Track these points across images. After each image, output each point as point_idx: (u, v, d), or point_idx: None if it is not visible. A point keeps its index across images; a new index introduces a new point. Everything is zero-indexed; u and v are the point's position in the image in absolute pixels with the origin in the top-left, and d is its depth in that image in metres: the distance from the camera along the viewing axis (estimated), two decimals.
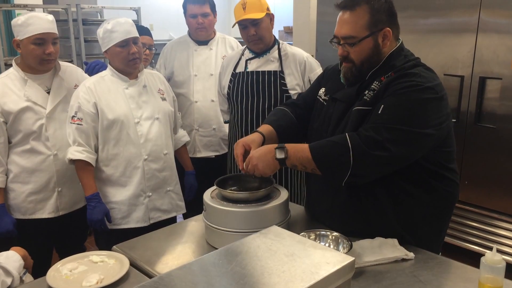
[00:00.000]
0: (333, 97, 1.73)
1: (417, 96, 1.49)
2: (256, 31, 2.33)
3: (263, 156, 1.60)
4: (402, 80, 1.53)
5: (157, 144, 2.25)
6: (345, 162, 1.49)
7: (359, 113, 1.58)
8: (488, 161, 3.01)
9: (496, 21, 2.87)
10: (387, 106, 1.50)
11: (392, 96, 1.51)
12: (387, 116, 1.50)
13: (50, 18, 2.14)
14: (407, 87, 1.50)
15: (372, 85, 1.59)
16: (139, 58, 2.20)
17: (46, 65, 2.17)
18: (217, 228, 1.61)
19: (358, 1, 1.57)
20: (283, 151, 1.58)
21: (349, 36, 1.58)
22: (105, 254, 1.59)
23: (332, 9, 1.66)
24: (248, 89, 2.44)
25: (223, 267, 1.05)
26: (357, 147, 1.48)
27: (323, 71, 1.96)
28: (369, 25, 1.56)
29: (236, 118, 2.53)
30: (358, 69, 1.62)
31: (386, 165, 1.53)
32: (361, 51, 1.59)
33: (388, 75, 1.58)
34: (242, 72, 2.47)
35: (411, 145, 1.50)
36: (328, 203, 1.73)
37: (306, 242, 1.15)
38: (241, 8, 2.32)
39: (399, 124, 1.48)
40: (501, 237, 3.02)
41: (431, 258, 1.55)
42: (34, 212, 2.23)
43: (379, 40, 1.58)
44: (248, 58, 2.48)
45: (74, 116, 2.14)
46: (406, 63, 1.59)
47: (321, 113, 1.78)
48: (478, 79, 2.98)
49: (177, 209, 2.38)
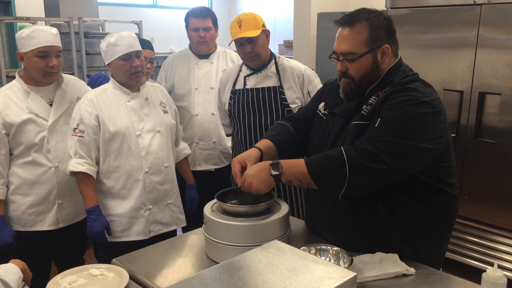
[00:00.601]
0: (332, 112, 1.75)
1: (414, 110, 1.50)
2: (252, 48, 2.34)
3: (257, 173, 1.60)
4: (399, 94, 1.54)
5: (158, 157, 2.25)
6: (341, 175, 1.49)
7: (357, 128, 1.59)
8: (488, 176, 3.01)
9: (495, 36, 2.89)
10: (384, 119, 1.51)
11: (389, 110, 1.52)
12: (383, 129, 1.50)
13: (54, 31, 2.16)
14: (404, 101, 1.51)
15: (370, 99, 1.60)
16: (141, 71, 2.21)
17: (49, 77, 2.18)
18: (217, 242, 1.61)
19: (358, 17, 1.59)
20: (277, 167, 1.58)
21: (348, 52, 1.59)
22: (104, 267, 1.59)
23: (332, 23, 1.67)
24: (249, 106, 2.45)
25: (224, 281, 1.05)
26: (352, 160, 1.48)
27: (323, 85, 1.97)
28: (368, 41, 1.58)
29: (239, 135, 2.53)
30: (357, 84, 1.63)
31: (383, 178, 1.53)
32: (360, 67, 1.60)
33: (385, 90, 1.59)
34: (242, 89, 2.48)
35: (407, 158, 1.50)
36: (327, 217, 1.73)
37: (308, 257, 1.15)
38: (236, 26, 2.33)
39: (395, 137, 1.48)
40: (502, 252, 3.01)
41: (432, 273, 1.55)
42: (34, 224, 2.23)
43: (378, 57, 1.60)
44: (246, 74, 2.48)
45: (76, 128, 2.14)
46: (403, 78, 1.60)
47: (320, 127, 1.79)
48: (478, 94, 3.00)
49: (177, 222, 2.38)
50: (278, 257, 1.13)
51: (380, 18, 1.59)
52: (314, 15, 4.12)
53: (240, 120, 2.50)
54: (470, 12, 2.98)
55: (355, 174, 1.49)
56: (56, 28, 2.22)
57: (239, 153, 2.54)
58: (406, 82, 1.58)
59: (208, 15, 2.93)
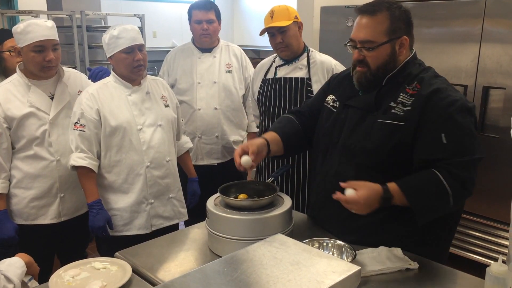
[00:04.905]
0: (346, 104, 1.73)
1: (469, 120, 1.53)
2: (282, 38, 2.39)
3: (369, 201, 1.51)
4: (441, 96, 1.53)
5: (160, 151, 2.25)
6: (445, 206, 1.52)
7: (388, 127, 1.57)
8: (492, 171, 2.99)
9: (499, 30, 2.87)
10: (452, 135, 1.50)
11: (448, 120, 1.51)
12: (459, 148, 1.51)
13: (49, 24, 2.13)
14: (458, 110, 1.51)
15: (398, 97, 1.58)
16: (143, 65, 2.20)
17: (47, 71, 2.17)
18: (220, 236, 1.60)
19: (380, 7, 1.59)
20: (388, 195, 1.51)
21: (368, 40, 1.59)
22: (107, 261, 1.59)
23: (335, 17, 1.67)
24: (276, 95, 2.49)
25: (228, 275, 1.04)
26: (456, 192, 1.50)
27: (329, 80, 1.97)
28: (388, 31, 1.58)
29: (263, 123, 2.59)
30: (373, 73, 1.62)
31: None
32: (378, 57, 1.59)
33: (413, 86, 1.58)
34: (272, 78, 2.53)
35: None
36: (332, 210, 1.72)
37: (312, 250, 1.15)
38: (269, 16, 2.40)
39: (471, 153, 1.51)
40: (506, 247, 2.99)
41: (435, 268, 1.54)
42: (36, 217, 2.22)
43: (396, 48, 1.60)
44: (278, 64, 2.54)
45: (77, 122, 2.14)
46: (422, 71, 1.62)
47: (329, 119, 1.78)
48: (482, 88, 2.98)
49: (179, 216, 2.37)
50: (281, 251, 1.13)
51: (401, 10, 1.60)
52: (317, 8, 4.09)
53: (266, 108, 2.54)
54: (474, 6, 2.96)
55: (457, 202, 1.53)
56: (57, 21, 2.20)
57: None
58: (430, 77, 1.59)
59: (212, 7, 2.92)
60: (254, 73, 2.73)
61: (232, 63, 3.02)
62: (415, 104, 1.56)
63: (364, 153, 1.63)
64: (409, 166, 1.58)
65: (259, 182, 2.00)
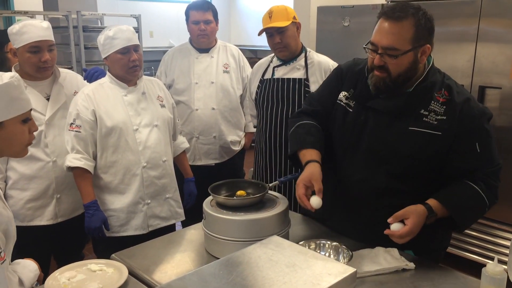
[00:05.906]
0: (366, 105, 1.66)
1: (492, 131, 1.61)
2: (281, 38, 2.39)
3: (419, 226, 1.51)
4: (472, 106, 1.57)
5: (156, 151, 2.24)
6: (481, 215, 1.67)
7: (422, 136, 1.56)
8: None
9: (495, 30, 2.88)
10: (484, 144, 1.58)
11: (481, 130, 1.57)
12: (490, 157, 1.60)
13: (45, 25, 2.12)
14: (486, 120, 1.59)
15: (430, 105, 1.57)
16: (139, 65, 2.19)
17: (43, 72, 2.16)
18: (216, 237, 1.60)
19: (406, 13, 1.52)
20: (432, 213, 1.53)
21: (392, 47, 1.52)
22: (103, 263, 1.58)
23: (332, 17, 1.65)
24: (274, 95, 2.49)
25: (223, 278, 1.04)
26: (492, 203, 1.59)
27: (338, 71, 1.84)
28: (413, 39, 1.52)
29: (261, 123, 2.59)
30: (392, 80, 1.57)
31: None
32: (400, 64, 1.54)
33: (442, 93, 1.58)
34: (269, 79, 2.53)
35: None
36: (354, 217, 1.72)
37: (307, 252, 1.15)
38: (267, 16, 2.40)
39: (498, 160, 1.62)
40: (502, 247, 3.00)
41: (432, 268, 1.54)
42: (33, 219, 2.22)
43: (418, 55, 1.55)
44: (275, 65, 2.54)
45: (73, 123, 2.13)
46: (443, 78, 1.63)
47: (345, 119, 1.72)
48: (478, 88, 2.99)
49: (176, 216, 2.37)
50: (277, 253, 1.13)
51: (426, 17, 1.54)
52: (314, 8, 4.09)
53: (264, 108, 2.54)
54: (470, 6, 2.96)
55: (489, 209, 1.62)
56: (53, 22, 2.19)
57: (259, 142, 2.56)
58: (454, 83, 1.62)
59: (209, 8, 2.92)
60: (252, 73, 2.73)
61: (229, 63, 3.02)
62: (448, 113, 1.56)
63: (397, 160, 1.61)
64: (439, 172, 1.61)
65: (249, 181, 1.95)
